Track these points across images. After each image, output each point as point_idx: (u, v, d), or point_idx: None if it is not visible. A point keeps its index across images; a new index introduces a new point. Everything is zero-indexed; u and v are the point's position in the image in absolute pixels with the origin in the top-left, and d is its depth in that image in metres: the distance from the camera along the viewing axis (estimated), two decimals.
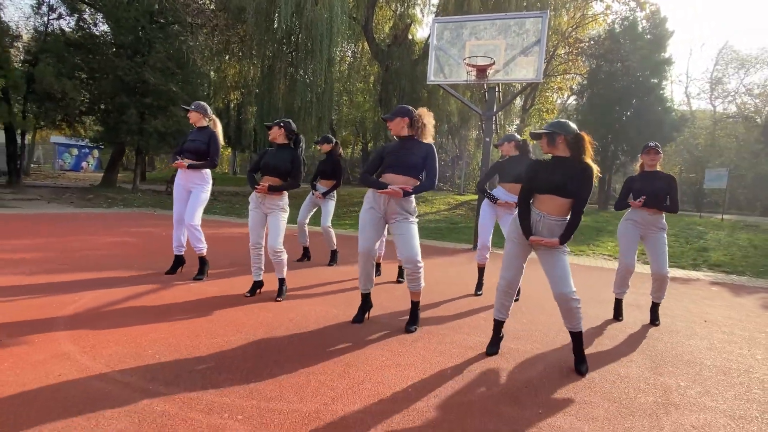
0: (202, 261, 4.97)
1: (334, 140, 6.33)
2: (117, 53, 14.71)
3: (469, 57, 7.75)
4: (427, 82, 8.49)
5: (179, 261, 5.11)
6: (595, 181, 2.99)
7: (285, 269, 4.36)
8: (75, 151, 33.44)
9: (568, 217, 2.99)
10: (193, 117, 4.91)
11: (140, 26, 14.40)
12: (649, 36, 20.26)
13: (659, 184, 4.27)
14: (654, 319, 4.38)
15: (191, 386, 2.41)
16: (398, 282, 5.40)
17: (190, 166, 4.77)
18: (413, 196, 3.63)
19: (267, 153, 4.38)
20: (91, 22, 15.54)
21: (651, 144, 4.37)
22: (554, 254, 2.97)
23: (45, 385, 2.31)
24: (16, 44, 15.11)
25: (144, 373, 2.54)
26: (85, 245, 6.68)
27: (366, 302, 3.82)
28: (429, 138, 3.72)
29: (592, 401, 2.57)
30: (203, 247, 4.92)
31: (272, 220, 4.22)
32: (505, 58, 7.78)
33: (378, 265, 5.70)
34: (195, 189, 4.85)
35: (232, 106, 20.82)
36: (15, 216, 9.97)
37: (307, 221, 6.32)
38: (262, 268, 4.42)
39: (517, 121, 24.40)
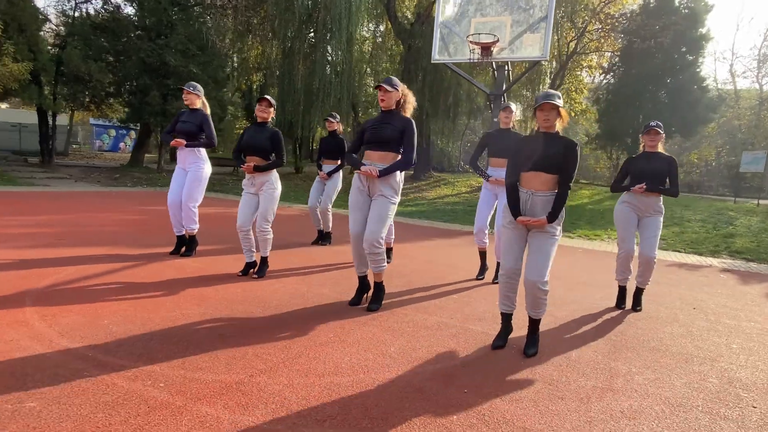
0: (192, 239, 5.09)
1: (339, 118, 6.37)
2: (140, 36, 15.04)
3: (472, 34, 7.55)
4: (432, 61, 8.34)
5: (182, 241, 5.15)
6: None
7: (269, 248, 4.42)
8: (113, 132, 34.64)
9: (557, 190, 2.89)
10: (192, 98, 4.97)
11: (162, 8, 14.64)
12: (686, 10, 19.16)
13: (659, 165, 4.08)
14: (635, 305, 4.25)
15: (128, 355, 2.51)
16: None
17: (188, 145, 4.85)
18: (398, 173, 3.54)
19: (246, 132, 4.43)
20: (116, 4, 15.92)
21: (652, 124, 4.15)
22: (542, 239, 2.88)
23: None
24: (45, 28, 15.62)
25: (90, 341, 2.66)
26: (94, 221, 6.96)
27: (363, 284, 3.79)
28: (409, 113, 3.65)
29: (526, 383, 2.54)
30: (196, 228, 5.03)
31: (262, 199, 4.29)
32: (510, 35, 7.54)
33: (389, 251, 5.57)
34: (191, 168, 4.91)
35: (255, 87, 21.01)
36: (39, 193, 10.46)
37: (319, 203, 6.34)
38: (253, 249, 4.45)
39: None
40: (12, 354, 2.42)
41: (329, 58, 16.92)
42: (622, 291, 4.36)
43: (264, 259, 4.44)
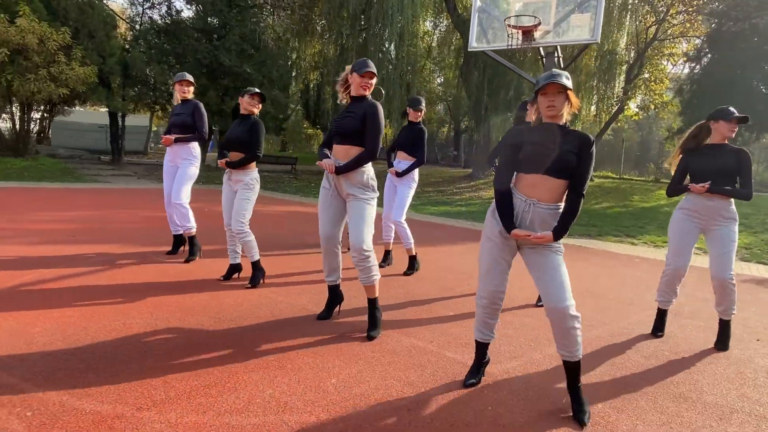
0: (192, 241, 4.86)
1: None
2: (198, 38, 15.51)
3: (511, 17, 6.82)
4: (468, 49, 7.68)
5: (179, 241, 5.02)
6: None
7: (255, 251, 4.05)
8: None
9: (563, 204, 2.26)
10: (190, 89, 4.83)
11: (218, 9, 15.01)
12: None
13: (727, 160, 3.22)
14: (720, 341, 3.34)
15: (24, 373, 2.24)
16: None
17: (176, 140, 4.69)
18: (367, 167, 3.08)
19: (232, 126, 4.17)
20: (178, 9, 16.60)
21: (735, 111, 3.23)
22: (545, 255, 2.24)
23: None
24: (114, 33, 16.56)
25: (3, 355, 2.43)
26: (120, 218, 7.06)
27: (333, 295, 3.37)
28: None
29: None
30: (192, 227, 4.79)
31: (236, 198, 3.99)
32: (556, 16, 6.73)
33: (387, 253, 5.11)
34: (182, 164, 4.75)
35: (312, 86, 21.17)
36: (91, 190, 10.98)
37: None
38: (238, 251, 4.16)
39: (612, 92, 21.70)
40: None
41: (380, 54, 16.58)
42: (661, 315, 3.57)
43: (254, 265, 4.02)
